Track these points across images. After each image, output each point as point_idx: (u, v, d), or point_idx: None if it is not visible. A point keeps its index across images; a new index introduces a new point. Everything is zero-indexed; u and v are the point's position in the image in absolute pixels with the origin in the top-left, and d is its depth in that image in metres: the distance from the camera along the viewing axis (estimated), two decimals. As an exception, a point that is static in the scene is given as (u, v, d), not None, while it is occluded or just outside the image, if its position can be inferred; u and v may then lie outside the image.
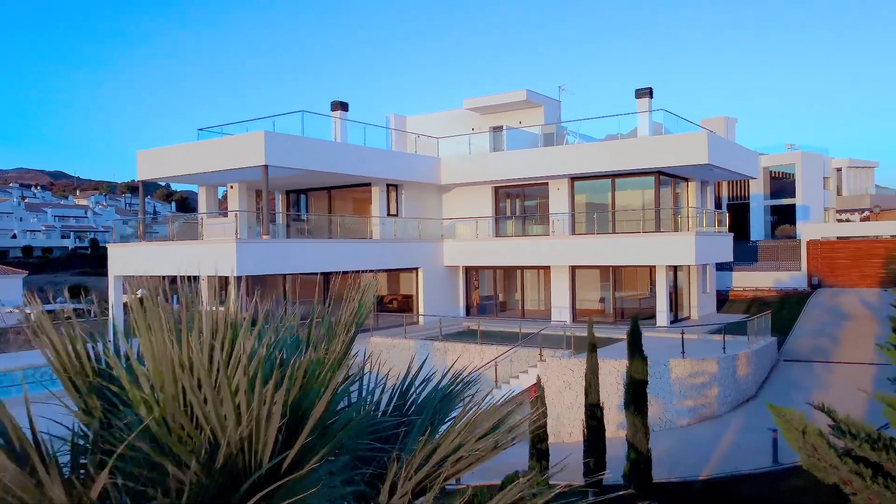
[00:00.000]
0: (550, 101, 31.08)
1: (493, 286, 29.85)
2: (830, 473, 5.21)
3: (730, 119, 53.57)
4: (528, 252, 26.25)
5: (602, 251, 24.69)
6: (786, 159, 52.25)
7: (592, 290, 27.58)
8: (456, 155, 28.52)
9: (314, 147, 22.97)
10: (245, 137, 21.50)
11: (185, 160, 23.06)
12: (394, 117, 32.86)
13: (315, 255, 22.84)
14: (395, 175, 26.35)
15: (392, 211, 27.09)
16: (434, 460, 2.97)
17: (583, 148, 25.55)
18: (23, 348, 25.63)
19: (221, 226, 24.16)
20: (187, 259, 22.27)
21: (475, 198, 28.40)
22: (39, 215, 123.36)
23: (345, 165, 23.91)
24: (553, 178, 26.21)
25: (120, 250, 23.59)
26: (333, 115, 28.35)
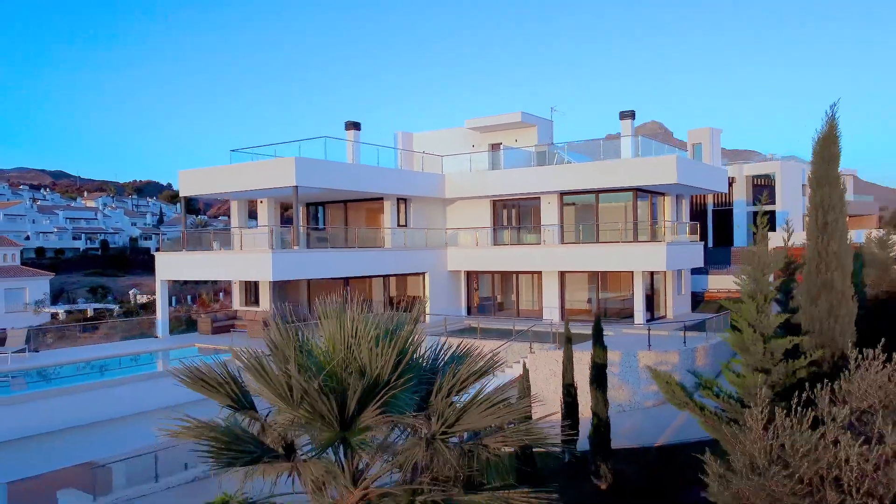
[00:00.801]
0: (543, 122, 34.52)
1: (491, 288, 33.26)
2: (683, 406, 8.64)
3: (714, 130, 57.11)
4: (522, 258, 29.66)
5: (587, 258, 28.09)
6: (766, 168, 55.70)
7: (580, 292, 30.95)
8: (458, 172, 31.89)
9: (336, 169, 26.41)
10: (277, 162, 24.93)
11: (223, 180, 26.48)
12: (401, 134, 36.33)
13: (336, 263, 26.26)
14: (405, 190, 29.76)
15: (402, 222, 30.48)
16: (457, 379, 6.33)
17: (570, 167, 28.95)
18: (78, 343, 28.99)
19: (252, 236, 27.62)
20: (226, 266, 25.72)
21: (475, 210, 31.81)
22: (51, 217, 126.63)
23: (362, 184, 27.35)
24: (544, 193, 29.61)
25: (166, 258, 27.00)
26: (348, 133, 31.83)
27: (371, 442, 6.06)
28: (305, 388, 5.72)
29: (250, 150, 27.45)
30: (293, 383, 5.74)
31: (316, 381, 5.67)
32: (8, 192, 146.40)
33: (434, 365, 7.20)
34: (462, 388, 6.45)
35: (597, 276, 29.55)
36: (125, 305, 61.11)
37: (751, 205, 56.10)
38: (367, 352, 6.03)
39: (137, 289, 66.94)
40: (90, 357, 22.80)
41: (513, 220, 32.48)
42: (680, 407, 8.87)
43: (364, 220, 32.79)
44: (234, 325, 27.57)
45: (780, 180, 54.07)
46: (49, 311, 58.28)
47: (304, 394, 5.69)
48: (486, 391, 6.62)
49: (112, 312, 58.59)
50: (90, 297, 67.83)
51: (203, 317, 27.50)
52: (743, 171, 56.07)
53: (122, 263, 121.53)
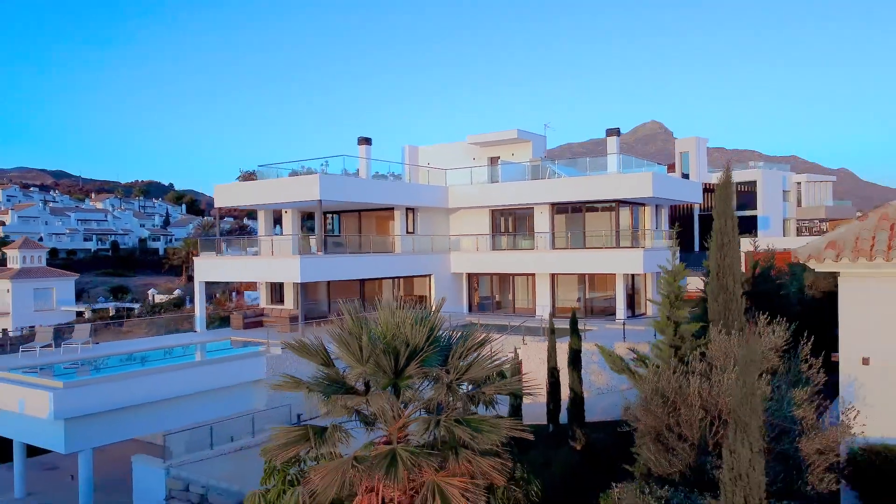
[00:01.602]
0: (537, 137, 38.19)
1: (490, 289, 36.87)
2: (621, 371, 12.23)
3: (701, 139, 61.00)
4: (517, 262, 33.27)
5: (575, 262, 31.69)
6: (748, 175, 59.22)
7: (570, 292, 34.54)
8: (461, 184, 35.49)
9: (354, 184, 30.05)
10: (303, 178, 28.53)
11: (254, 193, 30.11)
12: (408, 148, 40.00)
13: (353, 266, 29.87)
14: (413, 201, 33.37)
15: (410, 229, 34.08)
16: (465, 347, 9.91)
17: (561, 182, 32.56)
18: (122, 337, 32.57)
19: (277, 242, 31.25)
20: (257, 269, 29.37)
21: (476, 218, 35.43)
22: (63, 219, 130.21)
23: (376, 196, 30.98)
24: (538, 204, 33.22)
25: (203, 262, 30.62)
26: (360, 148, 35.47)
27: (412, 386, 9.64)
28: (373, 350, 9.31)
29: (276, 165, 31.07)
30: (364, 347, 9.32)
31: (380, 344, 9.27)
32: (19, 195, 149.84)
33: (448, 342, 10.79)
34: (467, 353, 10.05)
35: (584, 278, 33.16)
36: (145, 304, 64.75)
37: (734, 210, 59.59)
38: (409, 329, 9.61)
39: (155, 289, 70.56)
40: (144, 348, 26.43)
41: (509, 227, 36.06)
42: (619, 372, 12.51)
43: (375, 227, 36.38)
44: (261, 321, 31.15)
45: (761, 187, 57.63)
46: (73, 309, 61.89)
47: (371, 354, 9.27)
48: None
49: (133, 311, 62.23)
50: (109, 297, 71.47)
51: (235, 314, 31.10)
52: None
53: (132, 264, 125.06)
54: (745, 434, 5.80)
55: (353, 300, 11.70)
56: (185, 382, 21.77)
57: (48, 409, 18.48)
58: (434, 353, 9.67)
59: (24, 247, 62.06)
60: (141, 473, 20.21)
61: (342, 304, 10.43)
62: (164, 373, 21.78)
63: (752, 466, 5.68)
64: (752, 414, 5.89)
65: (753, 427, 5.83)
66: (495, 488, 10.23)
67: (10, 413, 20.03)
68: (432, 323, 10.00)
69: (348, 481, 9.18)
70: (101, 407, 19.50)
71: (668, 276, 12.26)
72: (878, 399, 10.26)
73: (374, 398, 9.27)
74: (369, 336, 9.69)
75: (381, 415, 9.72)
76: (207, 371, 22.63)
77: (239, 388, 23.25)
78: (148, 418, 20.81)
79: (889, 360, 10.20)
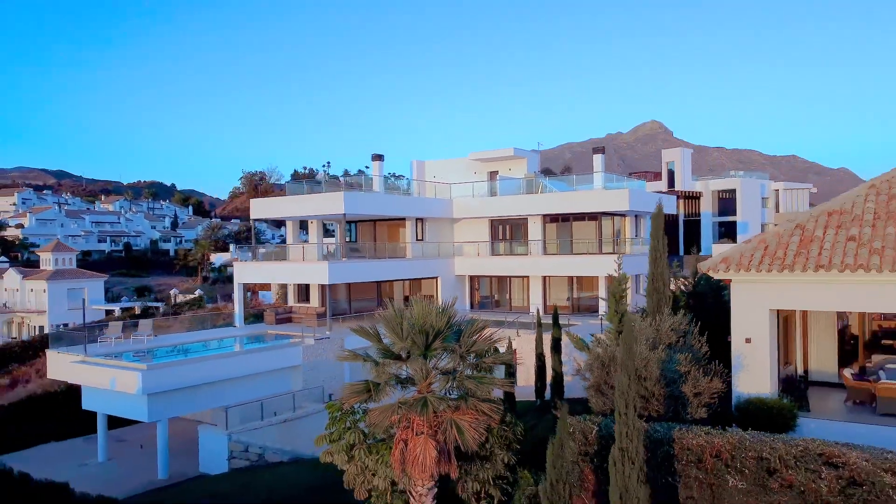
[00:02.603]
0: (531, 154, 42.94)
1: (489, 289, 41.56)
2: (582, 349, 16.93)
3: (685, 150, 65.60)
4: (513, 266, 37.96)
5: (564, 265, 36.36)
6: (729, 184, 63.87)
7: (560, 292, 39.22)
8: (463, 197, 40.22)
9: (373, 198, 34.80)
10: (330, 195, 33.23)
11: (286, 207, 34.83)
12: (416, 163, 44.73)
13: (371, 270, 34.58)
14: (422, 213, 38.09)
15: (419, 237, 38.79)
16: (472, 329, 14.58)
17: (551, 196, 37.27)
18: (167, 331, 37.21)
19: (301, 248, 35.96)
20: (289, 273, 34.09)
21: (477, 228, 40.13)
22: (78, 221, 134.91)
23: (390, 210, 35.72)
24: (531, 215, 37.92)
25: (241, 266, 35.35)
26: (373, 164, 40.23)
27: (436, 356, 14.32)
28: (410, 331, 14.01)
29: (300, 181, 35.70)
30: (405, 329, 14.01)
31: (416, 328, 13.99)
32: (33, 197, 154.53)
33: (459, 327, 15.48)
34: (472, 334, 14.75)
35: (572, 280, 37.86)
36: (168, 303, 69.41)
37: (716, 216, 64.33)
38: (434, 317, 14.31)
39: (176, 289, 75.25)
40: (197, 339, 31.16)
41: (506, 235, 40.77)
42: (581, 350, 17.22)
43: (388, 234, 41.11)
44: (290, 317, 35.86)
45: (740, 195, 62.28)
46: (103, 308, 66.55)
47: (409, 334, 13.96)
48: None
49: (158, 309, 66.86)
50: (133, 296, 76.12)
51: (268, 311, 35.82)
52: (709, 187, 64.28)
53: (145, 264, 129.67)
54: (626, 370, 10.41)
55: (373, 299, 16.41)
56: (238, 366, 26.52)
57: (136, 385, 23.20)
58: (451, 333, 14.38)
59: (56, 250, 66.77)
60: (206, 440, 24.97)
61: (389, 301, 15.12)
62: (223, 359, 26.55)
63: (629, 387, 10.29)
64: (629, 359, 10.52)
65: (630, 367, 10.43)
66: (492, 428, 14.92)
67: (101, 390, 24.77)
68: (449, 314, 14.71)
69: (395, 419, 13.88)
70: (175, 385, 24.22)
71: (614, 280, 16.97)
72: (753, 366, 15.00)
73: (412, 362, 14.00)
74: (409, 322, 14.40)
75: (415, 374, 14.43)
76: (256, 357, 27.37)
77: (280, 372, 27.97)
78: (211, 395, 25.53)
79: (759, 340, 14.94)
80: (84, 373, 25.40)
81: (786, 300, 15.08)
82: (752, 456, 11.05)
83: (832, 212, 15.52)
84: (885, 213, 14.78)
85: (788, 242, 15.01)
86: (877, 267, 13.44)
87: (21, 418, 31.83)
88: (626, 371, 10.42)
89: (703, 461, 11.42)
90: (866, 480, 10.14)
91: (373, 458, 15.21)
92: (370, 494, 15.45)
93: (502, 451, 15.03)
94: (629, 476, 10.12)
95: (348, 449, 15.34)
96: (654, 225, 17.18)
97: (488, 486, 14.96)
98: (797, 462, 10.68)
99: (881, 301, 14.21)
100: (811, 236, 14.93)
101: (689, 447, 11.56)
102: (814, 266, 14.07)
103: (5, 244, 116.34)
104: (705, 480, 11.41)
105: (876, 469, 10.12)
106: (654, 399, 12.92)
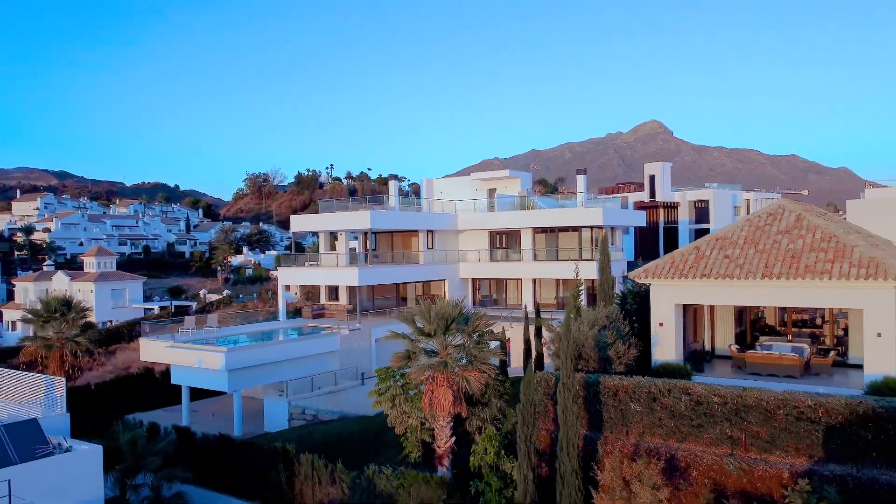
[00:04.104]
0: (524, 175, 50.42)
1: (489, 289, 48.97)
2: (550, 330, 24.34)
3: (665, 164, 72.93)
4: (508, 270, 45.35)
5: (551, 270, 43.73)
6: (704, 195, 71.19)
7: (548, 291, 46.60)
8: (466, 212, 47.64)
9: (393, 215, 42.27)
10: (359, 213, 40.63)
11: (320, 223, 42.25)
12: (425, 181, 52.20)
13: (391, 273, 41.99)
14: (432, 226, 45.51)
15: (429, 246, 46.18)
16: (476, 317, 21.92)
17: (540, 212, 44.69)
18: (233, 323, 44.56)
19: (335, 256, 43.41)
20: (323, 276, 41.56)
21: (478, 238, 47.56)
22: (100, 225, 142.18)
23: (407, 224, 43.20)
24: (523, 228, 45.35)
25: (284, 271, 42.81)
26: (390, 183, 47.68)
27: (452, 334, 21.67)
28: (435, 317, 21.41)
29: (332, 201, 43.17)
30: (432, 316, 21.38)
31: (440, 315, 21.38)
32: (55, 202, 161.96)
33: (467, 316, 22.89)
34: (476, 321, 22.14)
35: (558, 282, 45.25)
36: (200, 302, 76.82)
37: (693, 223, 71.66)
38: (451, 309, 21.69)
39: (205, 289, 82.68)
40: (254, 331, 38.62)
41: (503, 244, 48.18)
42: (549, 331, 24.64)
43: (402, 243, 48.53)
44: (323, 313, 43.24)
45: (713, 205, 69.62)
46: (142, 307, 73.96)
47: (435, 319, 21.33)
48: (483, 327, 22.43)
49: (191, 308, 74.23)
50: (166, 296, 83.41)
51: (305, 308, 43.25)
52: (686, 197, 71.63)
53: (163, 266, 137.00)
54: (566, 339, 17.70)
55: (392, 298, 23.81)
56: (292, 350, 33.96)
57: (220, 363, 30.59)
58: (461, 319, 21.79)
59: (99, 254, 74.22)
60: (269, 406, 32.43)
61: (420, 299, 22.49)
62: (281, 344, 34.04)
63: (568, 346, 17.59)
64: (568, 333, 17.85)
65: (568, 337, 17.72)
66: (489, 384, 22.29)
67: (189, 367, 32.19)
68: (460, 307, 22.13)
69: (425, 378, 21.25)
70: (247, 364, 31.63)
71: (573, 284, 24.37)
72: (664, 342, 22.41)
73: (437, 338, 21.44)
74: (435, 312, 21.81)
75: (438, 346, 21.84)
76: (305, 343, 34.80)
77: (323, 356, 35.38)
78: (272, 372, 32.93)
79: (668, 324, 22.36)
80: (174, 355, 32.80)
81: (684, 297, 22.52)
82: (644, 391, 18.46)
83: (719, 237, 22.96)
84: (752, 239, 22.20)
85: (687, 259, 22.46)
86: (738, 275, 20.87)
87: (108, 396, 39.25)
88: (566, 340, 17.85)
89: (617, 395, 18.83)
90: (704, 401, 17.55)
91: (408, 405, 22.62)
92: (406, 431, 22.86)
93: (496, 399, 22.44)
94: (567, 398, 17.54)
95: (392, 399, 22.79)
96: (602, 247, 24.65)
97: (486, 424, 22.32)
98: (669, 392, 18.09)
99: (744, 297, 21.65)
100: (702, 255, 22.37)
101: (609, 387, 18.98)
102: (700, 275, 21.51)
103: (34, 247, 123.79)
104: (618, 406, 18.83)
105: (709, 394, 17.54)
106: (590, 360, 20.35)
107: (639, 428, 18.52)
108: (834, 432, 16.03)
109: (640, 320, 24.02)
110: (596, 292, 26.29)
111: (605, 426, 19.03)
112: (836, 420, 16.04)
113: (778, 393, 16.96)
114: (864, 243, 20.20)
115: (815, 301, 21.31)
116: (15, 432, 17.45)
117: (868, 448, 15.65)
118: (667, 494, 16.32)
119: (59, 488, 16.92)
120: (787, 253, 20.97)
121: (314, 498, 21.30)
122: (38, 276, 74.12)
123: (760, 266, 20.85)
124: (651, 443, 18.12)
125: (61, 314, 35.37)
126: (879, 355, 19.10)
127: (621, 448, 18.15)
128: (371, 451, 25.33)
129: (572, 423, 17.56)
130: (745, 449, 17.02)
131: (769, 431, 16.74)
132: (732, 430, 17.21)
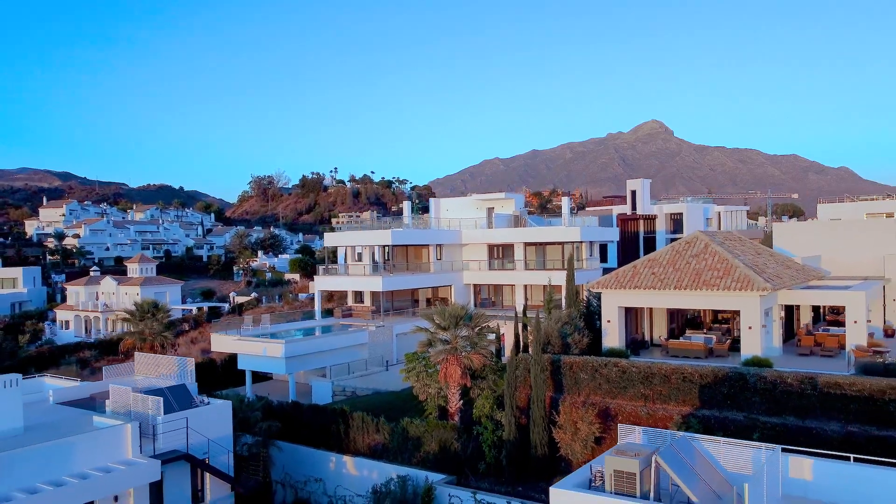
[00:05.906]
0: (518, 196, 59.67)
1: (488, 293, 58.19)
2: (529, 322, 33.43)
3: (645, 181, 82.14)
4: (504, 277, 54.55)
5: (540, 277, 52.85)
6: (678, 208, 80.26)
7: (538, 295, 55.73)
8: (468, 229, 56.81)
9: (409, 232, 51.61)
10: (382, 231, 49.83)
11: (348, 239, 51.48)
12: (433, 200, 61.49)
13: (408, 280, 51.21)
14: (440, 241, 54.74)
15: (438, 257, 55.36)
16: (477, 315, 31.00)
17: (530, 229, 53.89)
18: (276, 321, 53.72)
19: (362, 266, 52.72)
20: (351, 283, 50.89)
21: (478, 250, 56.80)
22: (124, 231, 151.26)
23: (420, 239, 52.47)
24: (516, 242, 54.55)
25: (320, 278, 52.08)
26: (404, 203, 56.93)
27: (459, 327, 30.76)
28: (448, 315, 30.55)
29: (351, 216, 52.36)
30: (446, 314, 30.50)
31: (451, 314, 30.52)
32: (78, 208, 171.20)
33: (471, 314, 32.03)
34: (478, 318, 31.27)
35: (545, 287, 54.37)
36: (231, 304, 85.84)
37: (669, 233, 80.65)
38: (459, 310, 30.81)
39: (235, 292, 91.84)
40: (297, 327, 47.85)
41: (499, 255, 57.38)
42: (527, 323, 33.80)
43: (414, 255, 57.74)
44: (351, 313, 52.41)
45: (686, 217, 78.72)
46: (181, 308, 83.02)
47: (448, 317, 30.44)
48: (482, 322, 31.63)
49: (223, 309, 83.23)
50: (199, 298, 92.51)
51: (336, 308, 52.46)
52: (663, 210, 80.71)
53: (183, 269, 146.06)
54: (536, 330, 26.67)
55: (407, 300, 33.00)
56: (333, 342, 43.21)
57: (281, 352, 39.75)
58: (467, 317, 30.95)
59: (141, 261, 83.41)
60: (316, 385, 41.67)
61: (432, 301, 31.64)
62: (325, 336, 43.30)
63: (538, 336, 26.56)
64: (538, 327, 26.86)
65: (538, 328, 26.68)
66: (487, 365, 31.40)
67: (254, 355, 41.40)
68: (466, 308, 31.29)
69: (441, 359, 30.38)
70: (300, 353, 40.80)
71: (547, 289, 33.54)
72: (611, 333, 31.59)
73: (449, 331, 30.63)
74: (448, 312, 30.94)
75: (450, 336, 31.01)
76: (342, 337, 44.03)
77: (355, 347, 44.56)
78: (317, 359, 42.10)
79: (614, 321, 31.54)
80: (241, 346, 41.98)
81: (625, 301, 31.70)
82: (589, 365, 27.61)
83: (651, 259, 32.16)
84: (672, 261, 31.38)
85: (627, 274, 31.64)
86: (660, 287, 30.03)
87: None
88: (536, 332, 27.02)
89: (572, 368, 27.98)
90: (627, 371, 26.71)
91: (429, 378, 31.77)
92: (427, 398, 32.01)
93: (492, 374, 31.59)
94: (536, 371, 26.68)
95: (417, 374, 31.96)
96: (569, 263, 33.80)
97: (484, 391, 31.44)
98: (605, 366, 27.23)
99: (666, 302, 30.82)
100: (637, 272, 31.55)
101: (566, 363, 28.13)
102: (634, 286, 30.69)
103: (66, 253, 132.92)
104: (572, 375, 27.99)
105: (629, 366, 26.70)
106: (555, 346, 29.52)
107: (586, 390, 27.66)
108: (705, 388, 25.20)
109: (599, 317, 33.13)
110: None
111: (564, 389, 28.20)
112: (706, 381, 25.21)
113: (672, 365, 26.16)
114: (744, 265, 29.40)
115: (711, 305, 30.55)
116: (174, 392, 26.61)
117: (724, 398, 24.80)
118: (599, 428, 25.52)
119: (205, 427, 26.09)
120: (693, 271, 30.16)
121: (364, 443, 30.48)
122: (88, 281, 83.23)
123: (674, 280, 30.04)
124: (593, 399, 27.28)
125: (151, 314, 44.46)
126: (750, 341, 28.29)
127: (573, 402, 27.33)
128: (399, 415, 34.44)
129: (540, 386, 26.74)
130: (653, 402, 26.19)
131: (667, 390, 25.88)
132: (645, 390, 26.36)
